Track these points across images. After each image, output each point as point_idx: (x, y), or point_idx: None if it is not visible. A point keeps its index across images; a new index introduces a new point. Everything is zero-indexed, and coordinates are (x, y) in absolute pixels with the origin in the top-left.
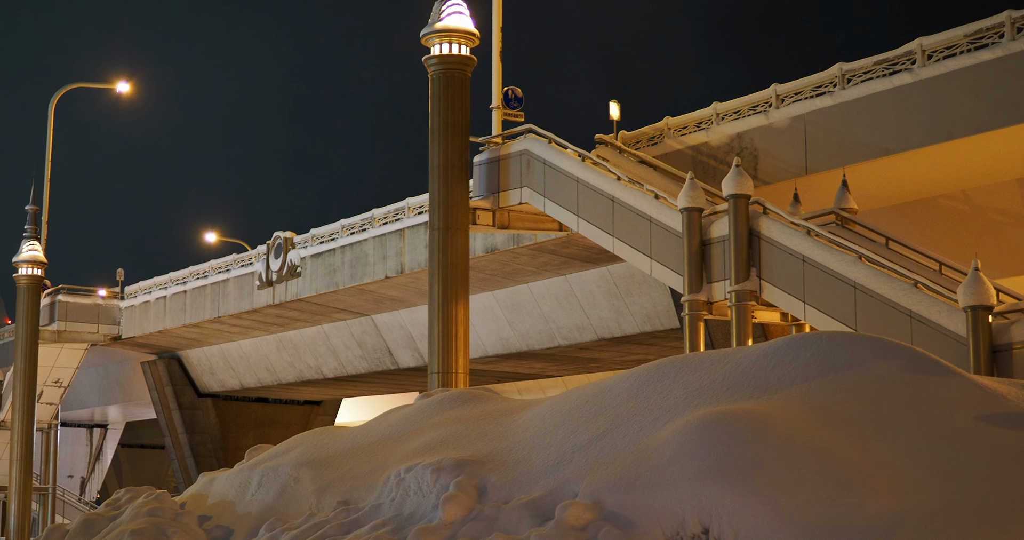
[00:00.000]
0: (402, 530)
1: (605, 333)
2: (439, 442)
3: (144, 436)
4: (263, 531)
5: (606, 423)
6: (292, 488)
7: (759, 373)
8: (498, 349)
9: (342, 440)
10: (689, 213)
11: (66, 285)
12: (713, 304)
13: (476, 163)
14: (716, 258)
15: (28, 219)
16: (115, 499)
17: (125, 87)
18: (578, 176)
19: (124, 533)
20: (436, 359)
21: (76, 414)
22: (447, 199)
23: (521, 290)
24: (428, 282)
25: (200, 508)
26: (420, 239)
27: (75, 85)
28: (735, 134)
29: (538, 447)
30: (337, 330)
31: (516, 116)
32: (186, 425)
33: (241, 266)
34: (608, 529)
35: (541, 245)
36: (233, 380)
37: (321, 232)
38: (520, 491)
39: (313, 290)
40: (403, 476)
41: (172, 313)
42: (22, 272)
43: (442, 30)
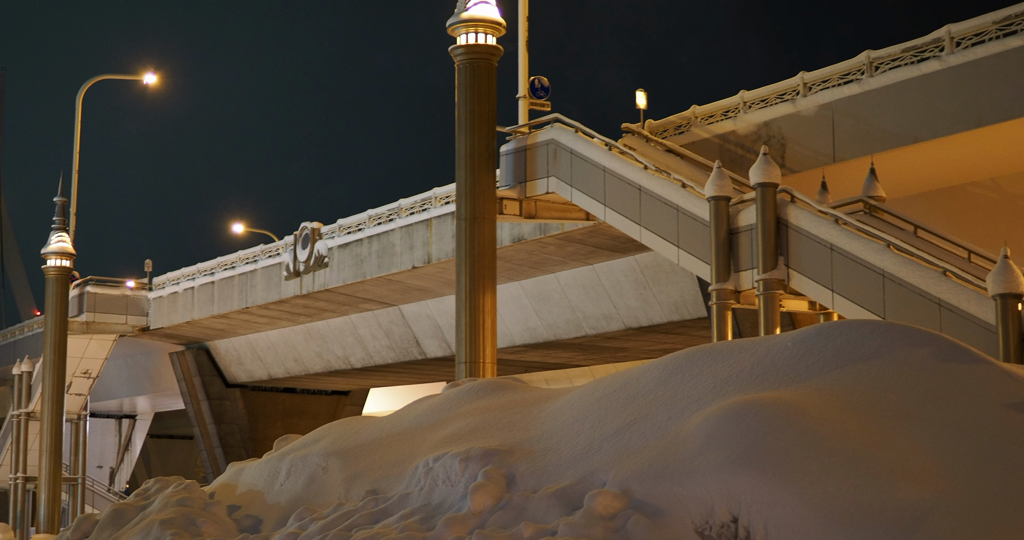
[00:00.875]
0: (431, 519)
1: (632, 322)
2: (467, 432)
3: (172, 426)
4: (292, 520)
5: (634, 412)
6: (321, 478)
7: (788, 362)
8: (525, 339)
9: (370, 430)
10: (716, 202)
11: (95, 276)
12: (741, 293)
13: (503, 153)
14: (744, 247)
15: (56, 211)
16: (144, 489)
17: (152, 78)
18: (605, 165)
19: (154, 523)
20: (464, 349)
21: (105, 405)
22: (474, 189)
23: (548, 280)
24: (455, 272)
25: (229, 498)
26: (447, 229)
27: (103, 77)
28: (762, 122)
29: (566, 436)
30: (364, 320)
31: (543, 105)
32: (214, 415)
33: (268, 257)
34: (637, 518)
35: (568, 234)
36: (261, 370)
37: (348, 222)
38: (548, 480)
39: (340, 280)
40: (431, 465)
41: (200, 304)
42: (51, 263)
43: (468, 20)
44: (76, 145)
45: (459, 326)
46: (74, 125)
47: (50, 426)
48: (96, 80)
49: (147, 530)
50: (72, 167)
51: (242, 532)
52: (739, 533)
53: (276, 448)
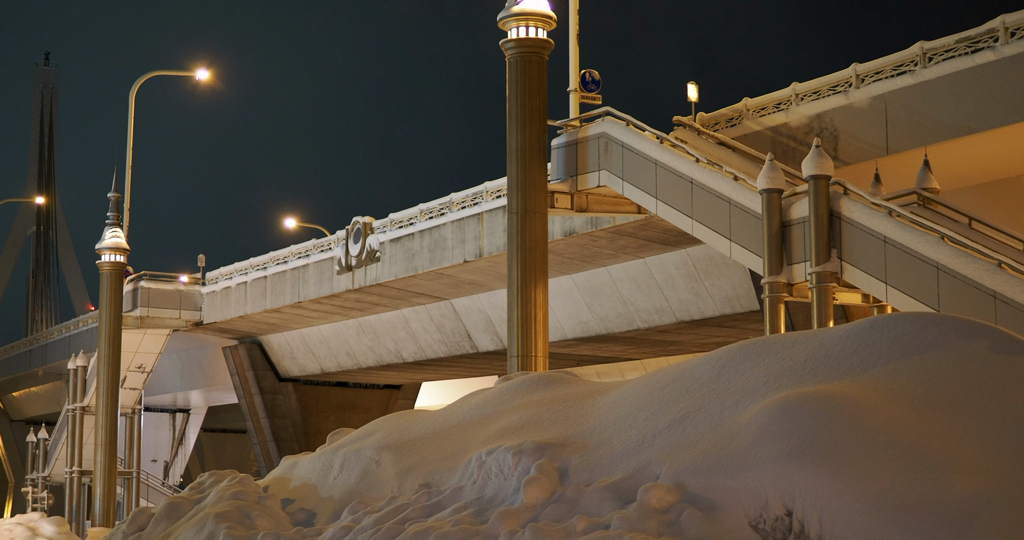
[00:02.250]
0: (484, 513)
1: (684, 316)
2: (520, 425)
3: (226, 420)
4: (345, 514)
5: (687, 405)
6: (374, 471)
7: (842, 355)
8: (577, 332)
9: (423, 423)
10: (769, 194)
11: (148, 271)
12: (793, 286)
13: (554, 146)
14: (796, 240)
15: (110, 206)
16: (199, 483)
17: (205, 75)
18: (656, 158)
19: (209, 516)
20: (515, 343)
21: (159, 399)
22: (525, 183)
23: (600, 273)
24: (507, 266)
25: (283, 491)
26: (498, 223)
27: (156, 73)
28: (814, 114)
29: (619, 430)
30: (416, 314)
31: (594, 99)
32: (267, 409)
33: (321, 251)
34: (691, 512)
35: (619, 228)
36: (313, 365)
37: (400, 217)
38: (602, 474)
39: (392, 275)
40: (484, 459)
41: (253, 298)
42: (105, 259)
43: (519, 13)
44: (129, 141)
45: (511, 320)
46: (127, 121)
47: (105, 420)
48: (149, 76)
49: (202, 523)
50: (126, 163)
51: (296, 525)
52: (793, 527)
53: (329, 442)
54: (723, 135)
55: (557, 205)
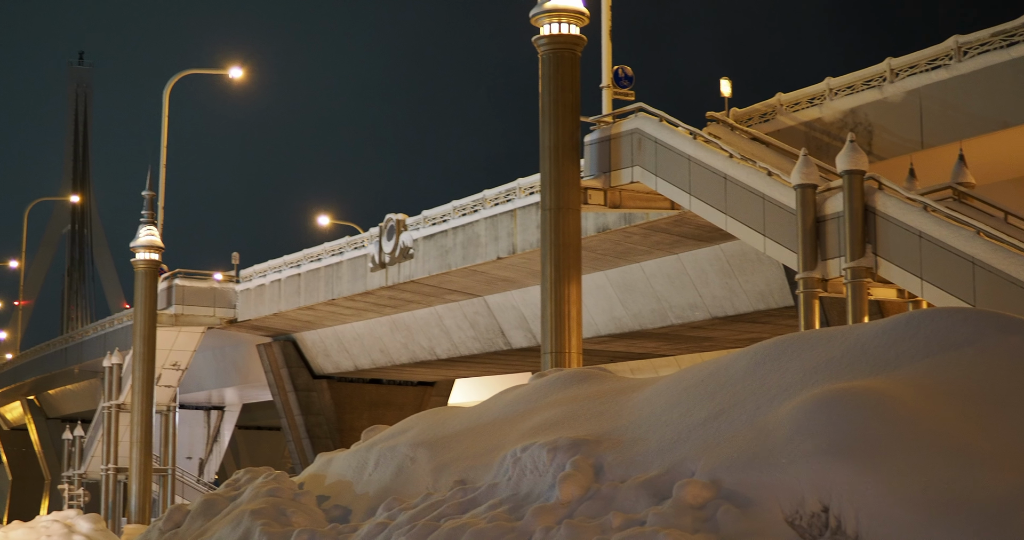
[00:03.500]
0: (519, 509)
1: (718, 312)
2: (554, 422)
3: (260, 418)
4: (381, 510)
5: (722, 401)
6: (409, 468)
7: (878, 350)
8: (610, 329)
9: (457, 420)
10: (803, 190)
11: (183, 269)
12: (828, 281)
13: (587, 143)
14: (831, 235)
15: (145, 204)
16: (234, 480)
17: (238, 73)
18: (690, 154)
19: (244, 513)
20: (549, 339)
21: (194, 396)
22: (558, 179)
23: (633, 269)
24: (540, 262)
25: (318, 488)
26: (532, 219)
27: (189, 71)
28: (849, 109)
29: (654, 426)
30: (450, 311)
31: (626, 95)
32: (302, 407)
33: (354, 248)
34: (726, 508)
35: (653, 224)
36: (347, 362)
37: (433, 214)
38: (637, 470)
39: (425, 272)
40: (519, 456)
41: (287, 296)
42: (140, 257)
43: (551, 10)
44: (163, 139)
45: (544, 316)
46: (161, 119)
47: (140, 418)
48: (183, 75)
49: (237, 520)
50: (160, 161)
51: (331, 522)
52: (830, 523)
53: (364, 438)
54: (756, 130)
55: (590, 201)
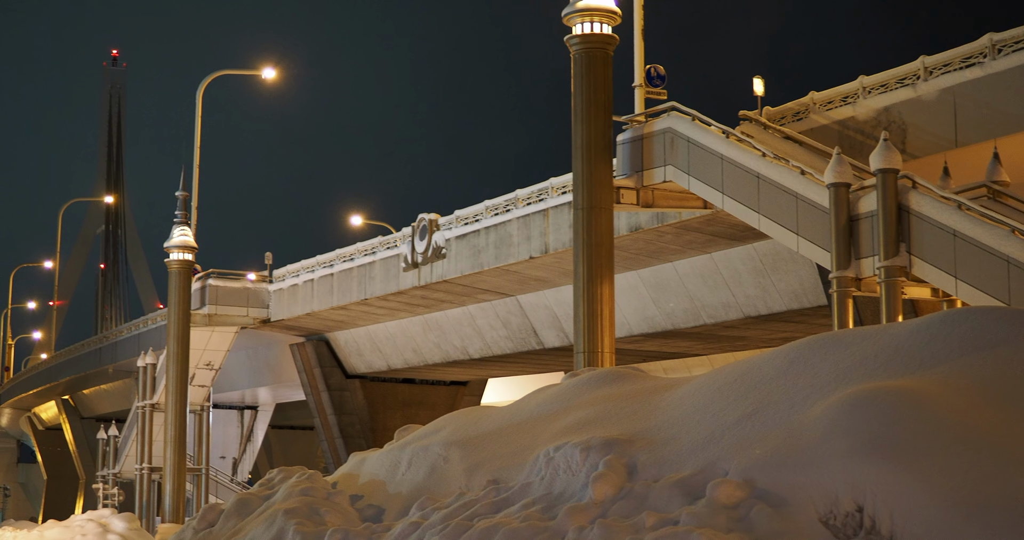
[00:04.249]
0: (552, 509)
1: (751, 311)
2: (587, 421)
3: (294, 417)
4: (414, 510)
5: (756, 401)
6: (442, 467)
7: (912, 349)
8: (643, 328)
9: (490, 420)
10: (836, 189)
11: (216, 269)
12: (862, 280)
13: (619, 142)
14: (864, 234)
15: (178, 205)
16: (268, 479)
17: (271, 73)
18: (723, 153)
19: (278, 512)
20: (582, 339)
21: (227, 396)
22: (591, 178)
23: (666, 269)
24: (572, 262)
25: (351, 487)
26: (564, 219)
27: (223, 72)
28: (882, 108)
29: (687, 425)
30: (482, 311)
31: (659, 94)
32: (335, 406)
33: (387, 248)
34: (760, 507)
35: (686, 223)
36: (380, 361)
37: (465, 213)
38: (670, 469)
39: (458, 271)
40: (552, 455)
41: (320, 296)
42: (173, 257)
43: (583, 9)
44: (197, 139)
45: (577, 316)
46: (194, 120)
47: (174, 417)
48: (216, 75)
49: (271, 519)
50: (193, 161)
51: (365, 521)
52: (864, 523)
53: (397, 438)
54: (789, 129)
55: (623, 201)
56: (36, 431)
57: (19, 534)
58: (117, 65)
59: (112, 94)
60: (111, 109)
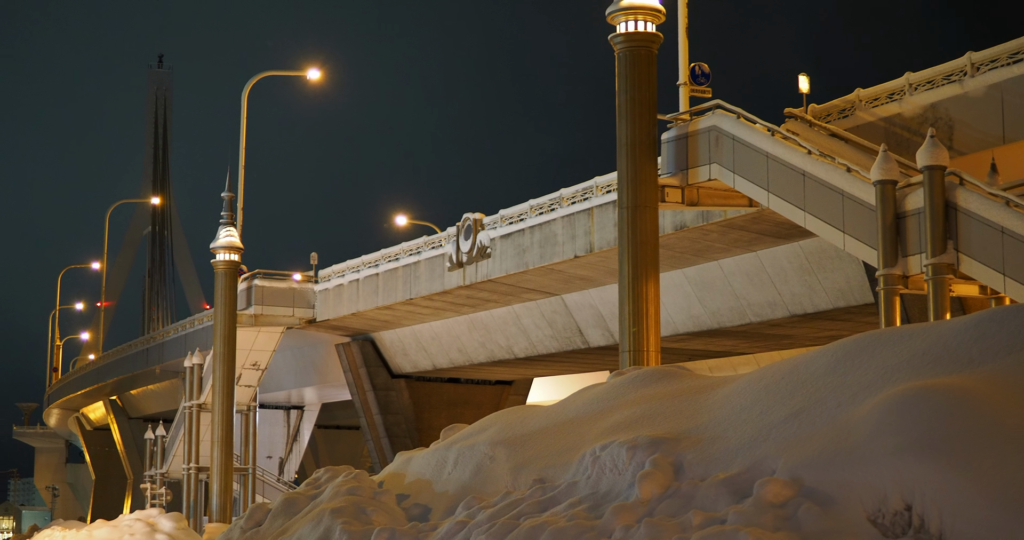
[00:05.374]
0: (598, 508)
1: (797, 309)
2: (633, 420)
3: (339, 417)
4: (460, 509)
5: (803, 399)
6: (488, 466)
7: (961, 347)
8: (689, 327)
9: (536, 419)
10: (883, 186)
11: (262, 270)
12: (909, 278)
13: (664, 140)
14: (911, 231)
15: (224, 206)
16: (315, 478)
17: (316, 74)
18: (768, 151)
19: (325, 512)
20: (627, 338)
21: (273, 396)
22: (635, 177)
23: (711, 267)
24: (618, 261)
25: (398, 487)
26: (609, 218)
27: (267, 73)
28: (929, 104)
29: (734, 424)
30: (527, 310)
31: (703, 92)
32: (380, 406)
33: (432, 248)
34: (808, 506)
35: (731, 221)
36: (425, 361)
37: (510, 213)
38: (717, 468)
39: (503, 271)
40: (598, 454)
41: (365, 296)
42: (220, 258)
43: (627, 7)
44: (242, 141)
45: (622, 315)
46: (240, 121)
47: (221, 417)
48: (261, 77)
49: (318, 519)
50: (239, 162)
51: (411, 521)
52: (913, 521)
53: (443, 437)
54: (835, 127)
55: (668, 199)
56: (84, 431)
57: (68, 534)
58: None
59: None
60: (157, 111)
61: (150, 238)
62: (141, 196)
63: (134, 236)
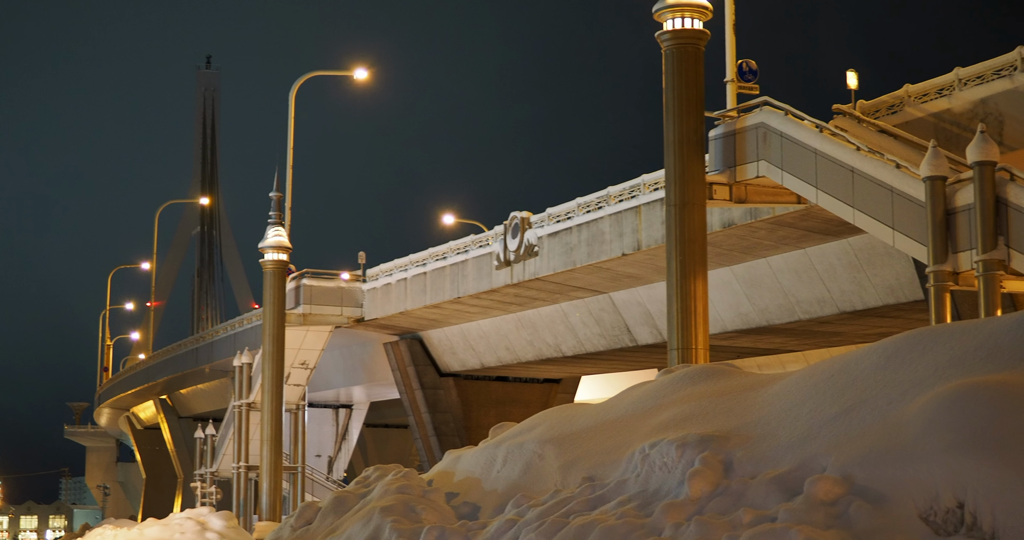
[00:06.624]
0: (648, 506)
1: (846, 306)
2: (683, 418)
3: (388, 416)
4: (510, 507)
5: (853, 397)
6: (537, 465)
7: (1013, 344)
8: (737, 324)
9: (585, 417)
10: (932, 182)
11: (310, 269)
12: (959, 274)
13: (711, 137)
14: (961, 227)
15: (272, 205)
16: (364, 477)
17: (364, 74)
18: (816, 147)
19: (375, 510)
20: (675, 335)
21: (322, 395)
22: (683, 174)
23: (759, 264)
24: (665, 258)
25: (447, 485)
26: (656, 215)
27: (315, 73)
28: (978, 99)
29: (783, 422)
30: (575, 308)
31: (751, 89)
32: (429, 404)
33: (479, 247)
34: (859, 504)
35: (779, 218)
36: (473, 359)
37: (557, 211)
38: (766, 466)
39: (550, 269)
40: (648, 452)
41: (413, 294)
42: (268, 257)
43: (674, 5)
44: (290, 140)
45: (670, 312)
46: (287, 121)
47: (270, 416)
48: (308, 77)
49: (368, 517)
50: (287, 162)
51: (460, 519)
52: (965, 519)
53: (492, 436)
54: (884, 123)
55: (715, 196)
56: (135, 430)
57: (119, 532)
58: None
59: (206, 97)
60: (205, 111)
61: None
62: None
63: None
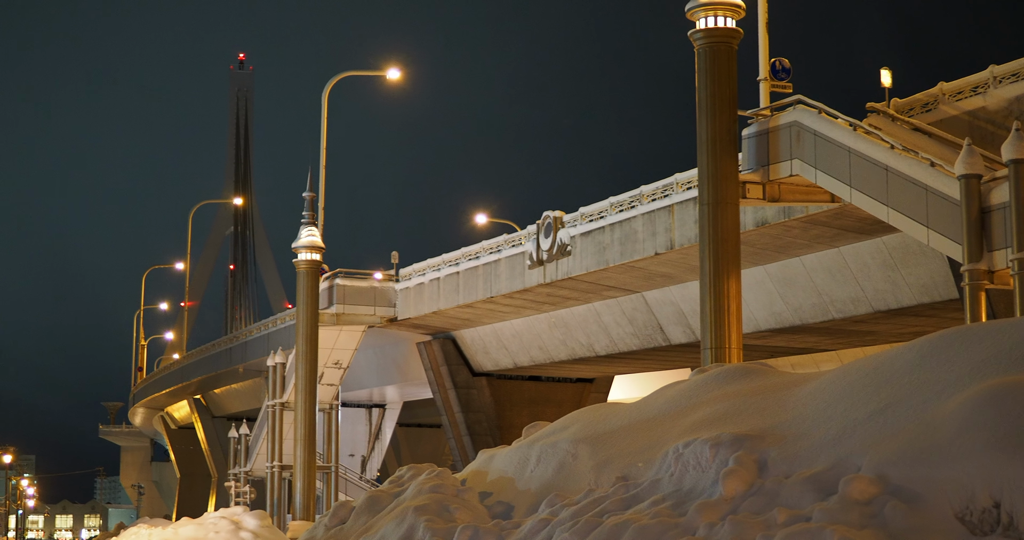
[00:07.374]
0: (682, 505)
1: (880, 305)
2: (716, 417)
3: (421, 415)
4: (543, 506)
5: (888, 396)
6: (570, 464)
7: None
8: (770, 323)
9: (618, 416)
10: (967, 180)
11: (343, 269)
12: (995, 273)
13: (745, 136)
14: (997, 226)
15: (305, 206)
16: (398, 476)
17: (396, 74)
18: (850, 146)
19: (408, 509)
20: (709, 335)
21: (355, 394)
22: (716, 173)
23: (793, 263)
24: (698, 257)
25: (480, 484)
26: (689, 214)
27: (348, 73)
28: (1014, 97)
29: (818, 421)
30: (608, 307)
31: (784, 87)
32: (462, 404)
33: (512, 246)
34: (894, 504)
35: (813, 217)
36: (506, 359)
37: (590, 210)
38: (801, 465)
39: (583, 268)
40: (681, 451)
41: (445, 294)
42: (301, 257)
43: (707, 3)
44: (323, 141)
45: (704, 312)
46: (320, 121)
47: (304, 416)
48: (341, 77)
49: (402, 516)
50: (320, 162)
51: (494, 518)
52: (1002, 519)
53: (525, 435)
54: (918, 121)
55: (748, 195)
56: (169, 430)
57: (154, 531)
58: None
59: (239, 97)
60: (238, 112)
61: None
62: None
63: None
